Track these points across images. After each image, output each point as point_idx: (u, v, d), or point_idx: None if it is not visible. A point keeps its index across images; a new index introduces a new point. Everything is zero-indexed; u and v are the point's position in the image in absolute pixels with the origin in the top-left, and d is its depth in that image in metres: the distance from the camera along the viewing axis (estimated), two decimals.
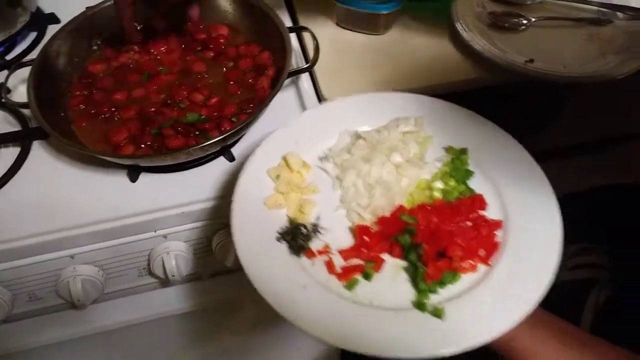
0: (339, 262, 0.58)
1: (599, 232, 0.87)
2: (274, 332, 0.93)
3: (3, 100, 0.75)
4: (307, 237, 0.59)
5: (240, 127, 0.67)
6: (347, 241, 0.60)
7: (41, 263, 0.68)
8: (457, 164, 0.65)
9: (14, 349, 0.76)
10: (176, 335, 0.87)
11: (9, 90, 0.80)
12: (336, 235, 0.60)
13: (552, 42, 0.87)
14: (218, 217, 0.71)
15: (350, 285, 0.56)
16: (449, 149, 0.67)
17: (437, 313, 0.53)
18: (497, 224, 0.60)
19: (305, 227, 0.60)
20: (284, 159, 0.64)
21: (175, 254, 0.71)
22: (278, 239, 0.59)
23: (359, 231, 0.60)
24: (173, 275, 0.71)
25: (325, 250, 0.59)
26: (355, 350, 0.49)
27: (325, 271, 0.57)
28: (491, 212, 0.61)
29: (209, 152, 0.71)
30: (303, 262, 0.58)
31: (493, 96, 0.86)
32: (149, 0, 0.77)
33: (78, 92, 0.77)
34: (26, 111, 0.78)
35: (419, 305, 0.54)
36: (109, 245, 0.70)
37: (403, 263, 0.58)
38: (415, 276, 0.56)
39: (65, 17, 0.89)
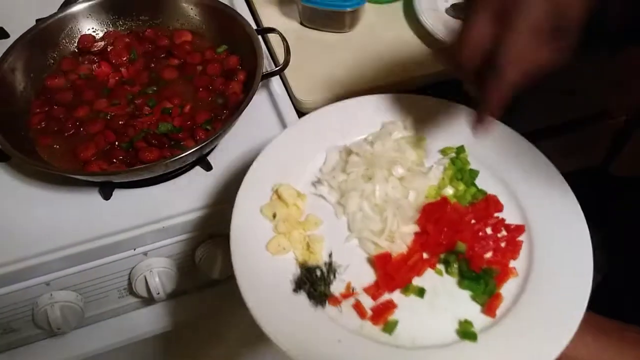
0: (367, 301, 0.53)
1: (595, 214, 0.89)
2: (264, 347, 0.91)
3: None
4: (326, 281, 0.53)
5: (218, 135, 0.65)
6: (369, 275, 0.55)
7: (15, 292, 0.64)
8: (459, 164, 0.62)
9: None
10: (164, 355, 0.84)
11: None
12: (355, 270, 0.55)
13: None
14: (200, 228, 0.69)
15: (388, 329, 0.51)
16: (444, 150, 0.64)
17: (472, 336, 0.50)
18: (519, 229, 0.57)
19: (319, 269, 0.54)
20: (276, 192, 0.58)
21: (159, 271, 0.68)
22: (295, 291, 0.53)
23: (378, 262, 0.55)
24: (158, 294, 0.68)
25: (349, 293, 0.53)
26: None
27: (356, 316, 0.52)
28: (508, 214, 0.59)
29: (185, 163, 0.68)
30: (329, 312, 0.52)
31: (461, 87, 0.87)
32: None
33: (38, 110, 0.73)
34: None
35: (466, 334, 0.50)
36: (87, 268, 0.66)
37: (436, 280, 0.55)
38: (460, 269, 0.55)
39: (14, 30, 0.84)
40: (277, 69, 0.74)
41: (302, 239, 0.56)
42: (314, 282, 0.53)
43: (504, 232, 0.58)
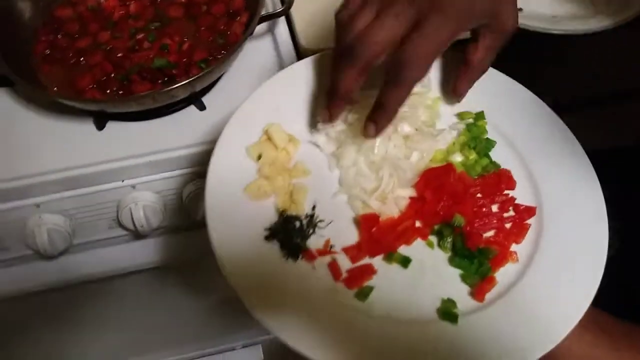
0: (344, 263, 0.49)
1: (611, 190, 0.84)
2: None
3: None
4: (303, 234, 0.49)
5: (208, 72, 0.64)
6: (352, 236, 0.51)
7: (6, 211, 0.67)
8: (475, 131, 0.56)
9: None
10: (151, 290, 0.87)
11: None
12: (338, 228, 0.50)
13: None
14: (188, 166, 0.69)
15: (362, 295, 0.47)
16: (461, 115, 0.58)
17: (452, 318, 0.46)
18: (529, 211, 0.52)
19: (299, 220, 0.50)
20: (266, 132, 0.53)
21: (144, 205, 0.69)
22: (267, 238, 0.49)
23: (364, 223, 0.50)
24: (142, 226, 0.69)
25: (327, 250, 0.49)
26: None
27: (329, 277, 0.48)
28: (520, 193, 0.54)
29: (178, 99, 0.68)
30: (300, 267, 0.48)
31: None
32: None
33: (44, 38, 0.74)
34: None
35: (446, 314, 0.46)
36: (76, 195, 0.68)
37: (425, 252, 0.51)
38: (454, 244, 0.50)
39: None
40: (278, 10, 0.72)
41: (286, 186, 0.52)
42: (289, 232, 0.49)
43: (511, 212, 0.53)
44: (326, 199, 0.52)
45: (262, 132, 0.54)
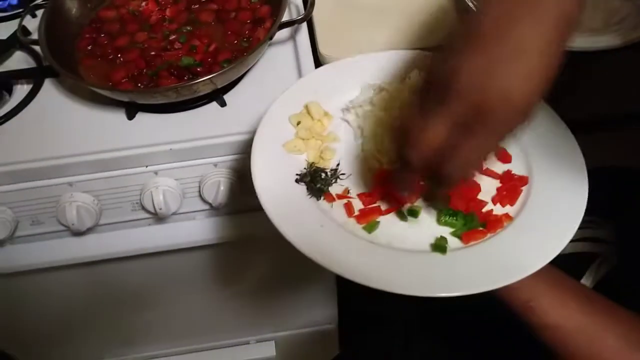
0: (358, 206, 0.59)
1: (613, 209, 0.85)
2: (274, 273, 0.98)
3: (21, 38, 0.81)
4: (326, 182, 0.60)
5: (227, 69, 0.71)
6: (367, 188, 0.60)
7: (42, 188, 0.74)
8: None
9: (16, 269, 0.82)
10: (167, 279, 0.93)
11: (28, 31, 0.86)
12: (356, 181, 0.61)
13: None
14: (206, 157, 0.75)
15: (369, 228, 0.56)
16: None
17: (442, 249, 0.54)
18: (522, 180, 0.60)
19: (324, 171, 0.60)
20: (306, 107, 0.65)
21: (164, 190, 0.75)
22: (297, 181, 0.59)
23: (378, 178, 0.60)
24: (161, 209, 0.75)
25: (345, 195, 0.59)
26: (366, 283, 0.50)
27: (344, 214, 0.58)
28: (515, 165, 0.62)
29: (200, 94, 0.75)
30: (321, 205, 0.58)
31: None
32: None
33: (88, 35, 0.82)
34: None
35: (437, 247, 0.54)
36: (104, 177, 0.75)
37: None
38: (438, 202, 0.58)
39: None
40: (297, 18, 0.78)
41: (317, 147, 0.63)
42: (315, 179, 0.59)
43: None
44: (349, 160, 0.63)
45: (303, 107, 0.66)
